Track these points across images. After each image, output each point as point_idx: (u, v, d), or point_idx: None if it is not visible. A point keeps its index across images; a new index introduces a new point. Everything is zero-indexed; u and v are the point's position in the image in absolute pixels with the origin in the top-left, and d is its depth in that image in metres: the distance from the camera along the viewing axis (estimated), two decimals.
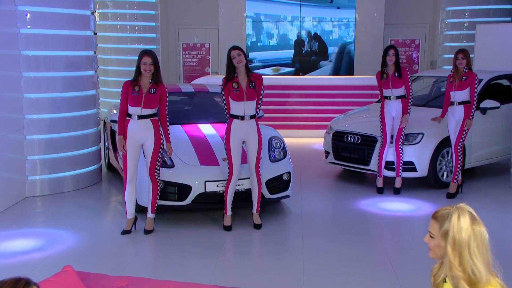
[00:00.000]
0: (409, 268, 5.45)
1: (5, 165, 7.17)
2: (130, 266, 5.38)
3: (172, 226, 6.47)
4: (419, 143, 7.90)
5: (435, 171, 7.98)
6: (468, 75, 7.49)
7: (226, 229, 6.35)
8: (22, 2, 7.34)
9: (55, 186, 7.83)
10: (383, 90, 7.65)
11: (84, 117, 8.12)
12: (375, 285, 5.04)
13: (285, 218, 6.88)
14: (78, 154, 8.05)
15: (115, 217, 7.08)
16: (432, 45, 15.65)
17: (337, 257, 5.72)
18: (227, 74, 6.22)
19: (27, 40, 7.44)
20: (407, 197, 7.66)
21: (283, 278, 5.18)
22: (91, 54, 8.24)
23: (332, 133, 8.62)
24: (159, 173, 6.18)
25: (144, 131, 6.05)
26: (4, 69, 7.11)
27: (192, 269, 5.38)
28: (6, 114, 7.16)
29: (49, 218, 6.96)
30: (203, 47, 15.23)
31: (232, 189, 6.30)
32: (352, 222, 6.82)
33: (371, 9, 15.51)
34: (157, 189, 6.18)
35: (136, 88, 5.98)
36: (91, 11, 8.20)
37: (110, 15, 13.72)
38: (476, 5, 13.61)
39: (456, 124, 7.58)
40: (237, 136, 6.24)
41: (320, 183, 8.57)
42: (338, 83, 12.88)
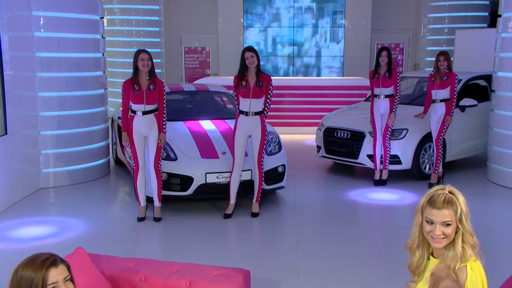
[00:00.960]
0: (395, 252, 5.44)
1: (20, 159, 7.17)
2: (137, 250, 5.40)
3: (175, 214, 6.47)
4: (404, 138, 7.92)
5: (418, 163, 8.00)
6: (448, 75, 7.53)
7: (225, 217, 6.36)
8: (36, 7, 7.34)
9: (67, 178, 7.82)
10: (374, 88, 7.65)
11: (93, 115, 8.11)
12: (364, 268, 5.05)
13: (280, 207, 6.89)
14: (88, 149, 8.04)
15: (122, 206, 7.09)
16: (415, 49, 15.68)
17: (328, 242, 5.73)
18: (239, 73, 6.22)
19: (40, 43, 7.43)
20: (392, 188, 7.68)
21: (278, 261, 5.19)
22: (100, 56, 8.23)
23: (323, 129, 8.62)
24: (161, 165, 6.19)
25: (148, 126, 6.05)
26: (19, 69, 7.10)
27: (194, 253, 5.39)
28: (21, 111, 7.15)
29: (61, 207, 6.96)
30: (204, 50, 15.21)
31: (235, 179, 6.30)
32: (342, 210, 6.83)
33: (359, 17, 15.53)
34: (161, 179, 6.18)
35: (136, 87, 5.97)
36: (99, 16, 8.18)
37: (118, 21, 13.71)
38: (455, 12, 13.70)
39: (438, 120, 7.60)
40: (242, 130, 6.25)
41: (312, 175, 8.58)
42: (328, 84, 12.91)
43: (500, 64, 7.99)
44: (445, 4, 13.75)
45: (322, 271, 4.95)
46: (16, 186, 7.01)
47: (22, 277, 2.09)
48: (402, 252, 5.32)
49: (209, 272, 3.27)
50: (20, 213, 6.51)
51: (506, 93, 7.85)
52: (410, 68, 15.93)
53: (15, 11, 6.99)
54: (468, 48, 11.59)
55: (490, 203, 7.02)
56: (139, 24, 13.63)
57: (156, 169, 6.13)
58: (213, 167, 6.44)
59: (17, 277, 2.10)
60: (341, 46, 16.07)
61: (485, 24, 13.57)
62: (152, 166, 6.12)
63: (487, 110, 8.46)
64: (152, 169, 6.13)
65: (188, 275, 3.20)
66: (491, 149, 8.18)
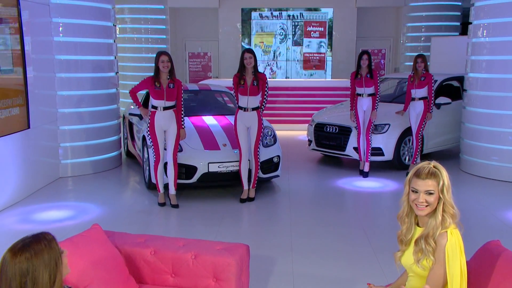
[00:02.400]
0: (379, 232, 5.47)
1: (42, 151, 7.14)
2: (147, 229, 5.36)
3: (182, 200, 6.43)
4: (386, 132, 7.91)
5: (399, 155, 8.01)
6: (426, 76, 7.53)
7: (241, 201, 6.38)
8: (55, 15, 7.32)
9: (83, 168, 7.80)
10: (356, 88, 7.59)
11: (106, 111, 8.08)
12: (351, 246, 5.06)
13: (275, 194, 6.88)
14: (101, 142, 8.01)
15: (133, 193, 7.07)
16: (395, 54, 15.68)
17: (319, 224, 5.74)
18: (238, 71, 6.21)
19: (60, 47, 7.41)
20: (376, 177, 7.68)
21: (274, 240, 5.20)
22: (112, 59, 8.19)
23: (314, 124, 8.61)
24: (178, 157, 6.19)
25: (168, 120, 6.02)
26: (41, 70, 7.07)
27: (198, 232, 5.37)
28: (42, 108, 7.12)
29: (78, 194, 6.94)
30: (206, 55, 15.16)
31: (243, 167, 6.31)
32: (331, 197, 6.83)
33: (345, 26, 15.52)
34: (177, 169, 6.16)
35: (157, 84, 5.94)
36: (112, 23, 8.16)
37: (128, 29, 13.66)
38: (430, 22, 13.78)
39: (417, 116, 7.60)
40: (242, 124, 6.24)
41: (304, 166, 8.57)
42: (318, 85, 12.91)
43: (471, 66, 8.00)
44: (421, 14, 13.83)
45: (313, 249, 4.96)
46: (38, 175, 6.98)
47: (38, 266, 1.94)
48: (384, 233, 5.36)
49: (213, 246, 3.25)
50: (42, 199, 6.49)
51: (476, 92, 7.86)
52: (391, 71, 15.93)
53: (37, 18, 6.96)
54: (442, 53, 11.63)
55: (463, 190, 7.02)
56: (147, 32, 13.61)
57: (174, 160, 6.10)
58: (215, 158, 6.42)
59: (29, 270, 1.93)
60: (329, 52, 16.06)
61: (457, 32, 13.65)
62: (171, 157, 6.09)
63: (459, 107, 8.48)
64: (171, 160, 6.10)
65: (193, 249, 3.19)
66: (463, 142, 8.19)
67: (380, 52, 15.35)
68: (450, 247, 2.46)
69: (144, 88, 6.11)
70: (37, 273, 1.94)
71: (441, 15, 13.67)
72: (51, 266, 1.98)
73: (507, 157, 7.42)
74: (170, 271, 3.16)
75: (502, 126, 7.51)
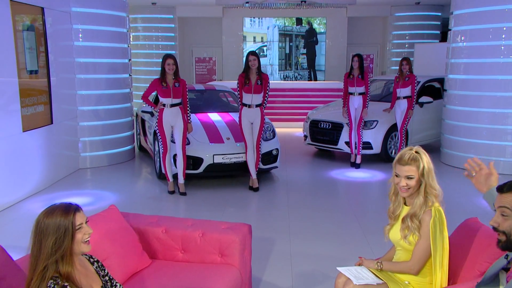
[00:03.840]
0: (367, 216, 5.47)
1: (64, 145, 7.13)
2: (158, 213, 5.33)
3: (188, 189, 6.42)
4: (374, 128, 7.89)
5: (386, 149, 7.99)
6: (410, 77, 7.51)
7: (252, 190, 6.36)
8: (76, 21, 7.31)
9: (100, 161, 7.79)
10: (348, 87, 7.57)
11: (121, 109, 8.06)
12: (343, 229, 5.06)
13: (274, 183, 6.87)
14: (117, 137, 8.00)
15: (146, 182, 7.06)
16: (382, 59, 15.63)
17: (314, 210, 5.73)
18: (243, 72, 6.19)
19: (79, 50, 7.39)
20: (365, 168, 7.66)
21: (274, 223, 5.20)
22: (127, 62, 8.18)
23: (309, 121, 8.59)
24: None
25: (175, 116, 6.01)
26: (63, 72, 7.06)
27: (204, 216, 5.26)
28: (64, 106, 7.11)
29: (96, 183, 6.92)
30: (211, 60, 15.17)
31: (250, 158, 6.29)
32: (325, 186, 6.82)
33: (337, 34, 15.47)
34: (186, 160, 6.15)
35: (164, 84, 5.94)
36: (126, 29, 8.14)
37: (141, 37, 13.67)
38: (414, 30, 13.83)
39: (402, 113, 7.59)
40: (246, 119, 6.23)
41: (301, 159, 8.56)
42: (313, 87, 12.89)
43: (450, 68, 7.99)
44: (406, 23, 13.90)
45: (309, 231, 4.96)
46: (59, 167, 6.97)
47: (49, 224, 1.93)
48: (373, 217, 5.36)
49: (218, 226, 3.25)
50: (63, 187, 6.49)
51: (456, 92, 7.85)
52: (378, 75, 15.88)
53: (59, 25, 6.95)
54: (424, 58, 11.64)
55: (442, 180, 6.88)
56: (158, 39, 13.63)
57: (183, 152, 6.10)
58: (219, 150, 6.41)
59: (42, 226, 1.93)
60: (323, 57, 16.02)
61: (437, 40, 13.68)
62: (180, 150, 6.08)
63: (440, 106, 8.47)
64: (180, 152, 6.09)
65: (201, 228, 3.19)
66: (444, 137, 8.18)
67: (369, 57, 15.33)
68: (434, 224, 2.47)
69: (153, 90, 6.07)
70: (45, 235, 1.92)
71: (423, 24, 13.81)
72: (59, 233, 1.93)
73: (483, 150, 7.41)
74: (179, 248, 3.16)
75: (478, 122, 7.50)
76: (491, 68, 7.30)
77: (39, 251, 1.93)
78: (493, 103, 7.33)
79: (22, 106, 5.86)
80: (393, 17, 14.18)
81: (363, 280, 2.52)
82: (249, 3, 12.89)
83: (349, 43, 15.39)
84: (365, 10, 14.70)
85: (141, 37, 13.67)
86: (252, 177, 6.38)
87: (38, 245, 1.93)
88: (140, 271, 2.98)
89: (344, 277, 2.60)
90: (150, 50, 13.57)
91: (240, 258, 3.11)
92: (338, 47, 15.50)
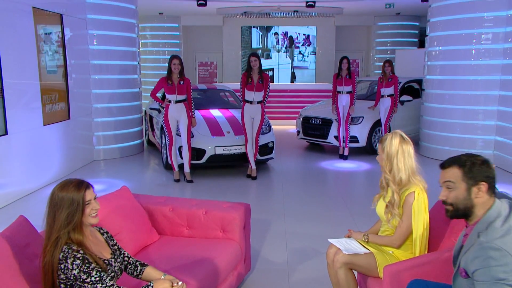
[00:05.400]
0: (354, 201, 5.47)
1: (80, 138, 7.10)
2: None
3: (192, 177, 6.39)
4: (361, 123, 7.88)
5: (371, 142, 7.98)
6: (392, 77, 7.50)
7: (250, 178, 6.34)
8: (91, 27, 7.28)
9: (112, 153, 7.75)
10: (337, 87, 7.54)
11: (131, 107, 8.01)
12: (332, 211, 5.05)
13: (271, 173, 6.85)
14: (127, 132, 7.96)
15: (154, 172, 7.02)
16: (367, 64, 15.63)
17: (306, 195, 5.73)
18: (246, 71, 6.17)
19: (94, 53, 7.36)
20: (352, 160, 7.65)
21: (270, 207, 5.19)
22: (136, 64, 8.13)
23: (301, 118, 8.57)
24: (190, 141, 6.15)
25: (179, 111, 5.98)
26: (79, 73, 7.02)
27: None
28: (80, 104, 7.07)
29: (109, 173, 6.88)
30: (212, 64, 15.13)
31: (249, 149, 6.27)
32: (316, 175, 6.81)
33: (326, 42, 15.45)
34: (191, 151, 6.13)
35: (170, 82, 5.91)
36: (136, 35, 8.09)
37: (149, 43, 13.64)
38: (395, 38, 13.86)
39: (385, 110, 7.58)
40: (248, 114, 6.21)
41: (294, 152, 8.54)
42: (305, 88, 12.87)
43: (427, 70, 7.99)
44: (387, 32, 13.97)
45: (302, 213, 4.95)
46: (75, 158, 6.93)
47: (63, 198, 1.93)
48: (359, 201, 5.35)
49: (220, 205, 3.23)
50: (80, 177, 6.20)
51: (432, 91, 7.84)
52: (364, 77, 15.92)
53: (76, 31, 6.91)
54: (404, 62, 11.65)
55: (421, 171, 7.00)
56: (164, 46, 13.60)
57: (188, 144, 6.07)
58: (220, 142, 6.39)
59: (57, 198, 1.93)
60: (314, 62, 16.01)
61: (416, 46, 13.75)
62: (185, 142, 6.06)
63: (419, 104, 8.47)
64: (185, 144, 6.07)
65: (204, 207, 3.17)
66: (422, 131, 8.17)
67: (355, 61, 15.33)
68: (417, 205, 2.45)
69: (160, 88, 6.02)
70: (59, 208, 1.92)
71: (403, 32, 13.92)
72: (72, 208, 1.93)
73: (456, 143, 7.42)
74: (185, 225, 3.14)
75: (452, 118, 7.51)
76: (464, 70, 7.31)
77: (53, 222, 1.93)
78: (466, 101, 7.33)
79: (43, 103, 5.85)
80: (376, 26, 14.21)
81: (351, 250, 2.51)
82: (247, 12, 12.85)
83: (337, 49, 15.38)
84: (351, 19, 14.71)
85: (149, 43, 13.63)
86: (251, 167, 6.36)
87: (52, 215, 1.94)
88: (149, 245, 2.96)
89: (335, 247, 2.59)
90: (157, 55, 13.53)
91: (240, 233, 3.10)
92: (327, 53, 15.51)
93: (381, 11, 13.16)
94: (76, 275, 1.87)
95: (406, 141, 2.52)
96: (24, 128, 5.47)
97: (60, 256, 1.89)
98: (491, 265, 1.61)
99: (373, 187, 5.69)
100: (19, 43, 5.38)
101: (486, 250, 1.64)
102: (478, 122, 7.31)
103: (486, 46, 7.07)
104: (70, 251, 1.90)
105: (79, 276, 1.87)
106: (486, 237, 1.67)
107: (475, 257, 1.66)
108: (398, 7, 12.23)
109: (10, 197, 5.26)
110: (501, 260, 1.60)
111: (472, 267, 1.68)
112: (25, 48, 5.50)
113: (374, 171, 6.90)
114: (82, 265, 1.88)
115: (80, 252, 1.90)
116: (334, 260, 2.52)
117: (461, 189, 1.80)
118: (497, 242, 1.63)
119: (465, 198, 1.79)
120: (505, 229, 1.67)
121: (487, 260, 1.62)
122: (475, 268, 1.66)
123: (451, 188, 1.83)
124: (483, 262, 1.63)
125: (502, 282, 1.60)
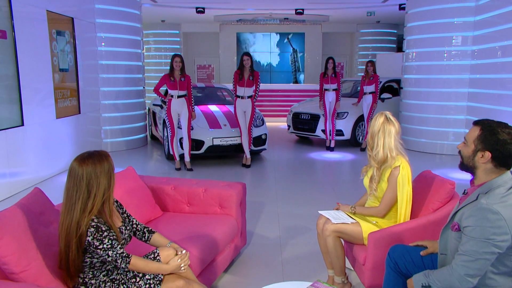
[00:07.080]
0: (340, 186, 5.46)
1: (89, 132, 7.03)
2: None
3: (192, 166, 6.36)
4: (345, 118, 7.89)
5: (355, 135, 7.99)
6: (374, 76, 7.51)
7: (244, 166, 6.31)
8: (100, 31, 7.23)
9: (119, 146, 7.69)
10: (324, 85, 7.53)
11: (135, 103, 7.96)
12: (321, 195, 5.05)
13: (264, 162, 6.84)
14: (132, 126, 7.90)
15: (157, 162, 6.97)
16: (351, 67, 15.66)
17: (296, 181, 5.71)
18: (238, 69, 6.15)
19: (102, 54, 7.30)
20: (338, 151, 7.66)
21: (264, 192, 5.17)
22: (140, 64, 8.07)
23: (292, 113, 8.56)
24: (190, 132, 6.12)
25: (181, 106, 5.95)
26: (89, 72, 6.96)
27: None
28: (89, 101, 7.01)
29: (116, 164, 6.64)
30: (210, 67, 15.06)
31: (244, 140, 6.24)
32: (305, 164, 6.79)
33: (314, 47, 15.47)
34: (191, 142, 6.11)
35: (172, 78, 5.88)
36: (140, 37, 8.04)
37: (152, 48, 13.58)
38: (375, 44, 13.93)
39: (367, 106, 7.58)
40: (240, 108, 6.19)
41: (285, 144, 8.53)
42: (294, 88, 12.89)
43: (405, 70, 8.02)
44: (369, 38, 14.04)
45: (293, 197, 4.94)
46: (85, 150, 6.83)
47: (102, 170, 1.87)
48: (344, 186, 5.35)
49: (218, 184, 3.21)
50: None
51: (409, 88, 7.87)
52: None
53: (86, 33, 6.86)
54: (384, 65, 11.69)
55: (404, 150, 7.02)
56: (166, 50, 13.54)
57: (188, 136, 6.05)
58: (217, 134, 6.37)
59: (90, 173, 1.85)
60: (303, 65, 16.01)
61: (394, 51, 13.84)
62: (186, 134, 6.03)
63: (398, 101, 8.49)
64: (186, 136, 6.04)
65: (203, 185, 3.15)
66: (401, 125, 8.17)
67: (340, 64, 15.34)
68: (401, 178, 2.45)
69: (163, 84, 5.98)
70: (99, 177, 1.87)
71: (382, 39, 14.00)
72: (109, 174, 1.91)
73: (431, 135, 7.47)
74: (186, 202, 3.12)
75: (428, 113, 7.54)
76: (437, 69, 7.37)
77: (89, 194, 1.85)
78: (439, 97, 7.38)
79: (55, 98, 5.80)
80: (359, 33, 14.27)
81: (339, 219, 2.50)
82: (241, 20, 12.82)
83: (323, 54, 15.41)
84: (336, 27, 14.75)
85: (153, 48, 13.58)
86: (246, 156, 6.34)
87: (86, 189, 1.85)
88: (153, 220, 2.94)
89: (324, 218, 2.58)
90: (160, 59, 13.47)
91: (237, 209, 3.08)
92: (315, 58, 15.53)
93: (363, 19, 13.21)
94: (90, 242, 1.85)
95: (390, 121, 2.51)
96: (38, 120, 5.41)
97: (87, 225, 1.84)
98: (484, 225, 1.61)
99: (357, 175, 5.69)
100: (34, 43, 5.33)
101: (484, 211, 1.63)
102: (450, 117, 7.35)
103: (456, 48, 7.15)
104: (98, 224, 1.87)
105: (93, 243, 1.85)
106: (487, 199, 1.66)
107: (471, 215, 1.66)
108: (378, 15, 12.29)
109: (26, 183, 5.21)
110: (495, 223, 1.60)
111: (465, 223, 1.68)
112: (40, 47, 5.44)
113: (357, 161, 6.91)
114: (96, 232, 1.85)
115: (95, 220, 1.87)
116: (323, 229, 2.51)
117: (470, 148, 1.78)
118: (495, 206, 1.62)
119: (469, 157, 1.78)
120: (506, 197, 1.66)
121: (482, 220, 1.62)
122: (468, 225, 1.66)
123: (465, 143, 1.82)
124: (477, 221, 1.63)
125: (489, 241, 1.60)
